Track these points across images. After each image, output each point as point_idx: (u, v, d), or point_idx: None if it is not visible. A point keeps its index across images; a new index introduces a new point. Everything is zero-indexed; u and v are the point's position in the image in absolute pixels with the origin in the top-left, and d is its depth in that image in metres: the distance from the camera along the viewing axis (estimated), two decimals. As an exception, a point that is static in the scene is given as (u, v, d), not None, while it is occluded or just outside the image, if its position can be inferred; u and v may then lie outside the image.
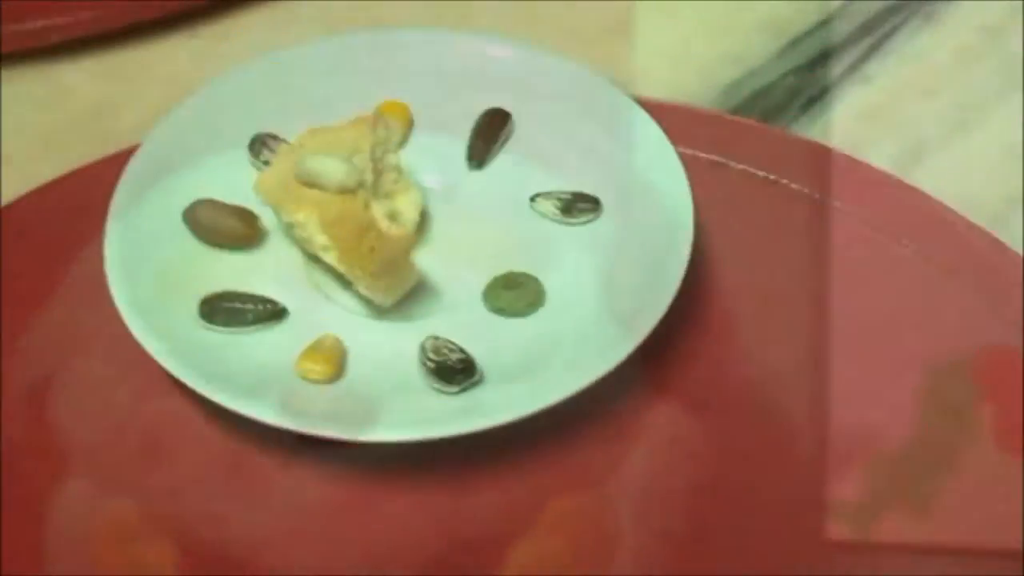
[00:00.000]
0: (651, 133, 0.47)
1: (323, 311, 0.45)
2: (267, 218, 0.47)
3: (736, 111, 0.53)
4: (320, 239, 0.43)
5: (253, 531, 0.41)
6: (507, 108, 0.49)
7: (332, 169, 0.44)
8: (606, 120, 0.48)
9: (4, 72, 0.57)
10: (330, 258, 0.44)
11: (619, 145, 0.48)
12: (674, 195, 0.45)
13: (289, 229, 0.45)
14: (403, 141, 0.49)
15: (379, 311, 0.45)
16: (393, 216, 0.45)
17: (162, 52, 0.58)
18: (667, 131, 0.47)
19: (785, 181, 0.48)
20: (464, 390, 0.42)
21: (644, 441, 0.43)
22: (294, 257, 0.47)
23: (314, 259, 0.46)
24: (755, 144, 0.50)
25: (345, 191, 0.44)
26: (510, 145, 0.49)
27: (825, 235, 0.47)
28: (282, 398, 0.42)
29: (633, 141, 0.47)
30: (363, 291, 0.44)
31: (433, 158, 0.49)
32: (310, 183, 0.44)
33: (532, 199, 0.47)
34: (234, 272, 0.46)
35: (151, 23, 0.57)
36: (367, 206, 0.44)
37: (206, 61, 0.57)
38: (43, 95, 0.56)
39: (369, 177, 0.45)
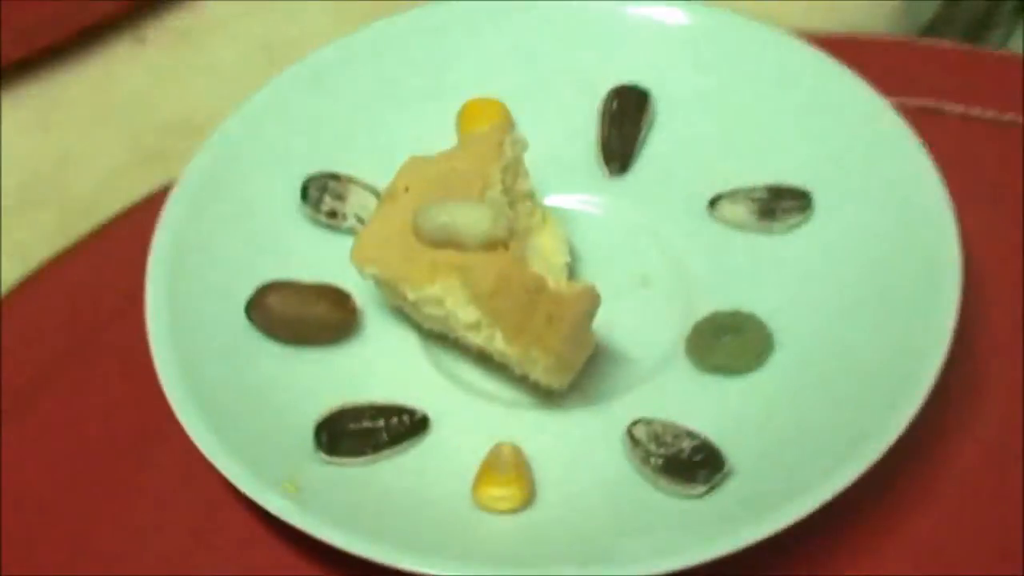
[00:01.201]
0: (853, 89, 0.43)
1: (472, 410, 0.40)
2: (360, 294, 0.42)
3: (926, 34, 0.48)
4: (469, 315, 0.38)
5: None
6: (641, 84, 0.45)
7: (473, 218, 0.38)
8: (786, 80, 0.44)
9: None
10: (486, 338, 0.38)
11: (813, 113, 0.43)
12: (910, 171, 0.41)
13: (413, 308, 0.39)
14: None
15: (548, 397, 0.40)
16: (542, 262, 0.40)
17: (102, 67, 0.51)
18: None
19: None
20: (714, 488, 0.37)
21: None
22: (408, 340, 0.41)
23: (438, 338, 0.41)
24: (968, 75, 0.46)
25: (493, 244, 0.38)
26: (656, 133, 0.45)
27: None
28: (469, 543, 0.37)
29: (831, 104, 0.43)
30: (536, 374, 0.38)
31: (555, 168, 0.44)
32: (443, 241, 0.38)
33: (711, 204, 0.43)
34: (336, 377, 0.40)
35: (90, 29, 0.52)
36: (525, 260, 0.38)
37: (165, 75, 0.51)
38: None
39: (512, 218, 0.39)
